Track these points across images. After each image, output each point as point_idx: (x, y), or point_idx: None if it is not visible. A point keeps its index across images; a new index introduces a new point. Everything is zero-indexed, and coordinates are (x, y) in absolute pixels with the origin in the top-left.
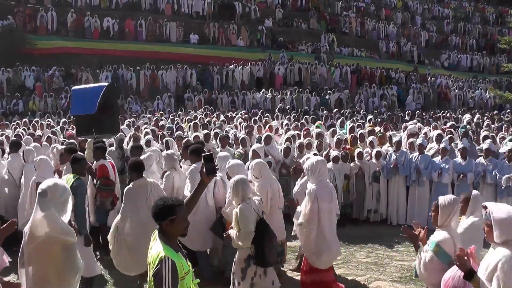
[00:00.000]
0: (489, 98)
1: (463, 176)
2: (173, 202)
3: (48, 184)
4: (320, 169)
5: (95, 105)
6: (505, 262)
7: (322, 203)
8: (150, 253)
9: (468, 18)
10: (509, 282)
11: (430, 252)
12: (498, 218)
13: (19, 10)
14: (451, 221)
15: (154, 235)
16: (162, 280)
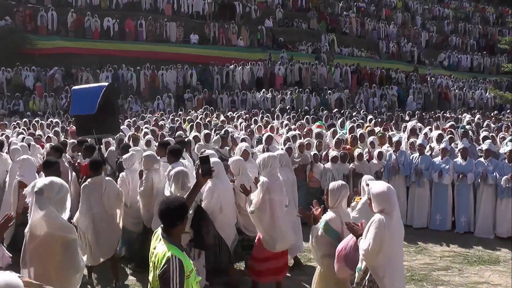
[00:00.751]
0: (489, 98)
1: (463, 176)
2: (178, 203)
3: (44, 182)
4: (271, 164)
5: (95, 106)
6: (374, 222)
7: (273, 195)
8: (155, 253)
9: (468, 18)
10: (371, 236)
11: (321, 229)
12: (374, 192)
13: (19, 10)
14: (340, 203)
15: (156, 234)
16: (169, 279)
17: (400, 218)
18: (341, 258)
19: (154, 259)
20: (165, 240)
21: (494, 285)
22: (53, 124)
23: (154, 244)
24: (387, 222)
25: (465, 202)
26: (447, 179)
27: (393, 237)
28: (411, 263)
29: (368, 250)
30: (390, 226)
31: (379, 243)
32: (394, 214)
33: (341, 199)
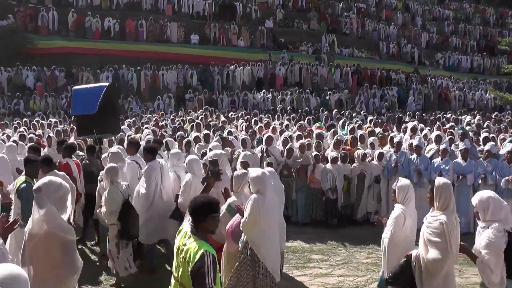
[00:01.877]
0: (490, 99)
1: (463, 177)
2: (209, 201)
3: (43, 181)
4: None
5: (96, 106)
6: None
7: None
8: (185, 249)
9: (469, 19)
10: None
11: (224, 209)
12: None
13: (19, 10)
14: (242, 188)
15: (183, 231)
16: (205, 274)
17: (273, 197)
18: (229, 235)
19: (184, 255)
20: (195, 236)
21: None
22: (53, 124)
23: (183, 241)
24: (261, 200)
25: (465, 203)
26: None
27: (267, 213)
28: None
29: (245, 222)
30: (264, 203)
31: (254, 217)
32: (267, 194)
33: (243, 184)
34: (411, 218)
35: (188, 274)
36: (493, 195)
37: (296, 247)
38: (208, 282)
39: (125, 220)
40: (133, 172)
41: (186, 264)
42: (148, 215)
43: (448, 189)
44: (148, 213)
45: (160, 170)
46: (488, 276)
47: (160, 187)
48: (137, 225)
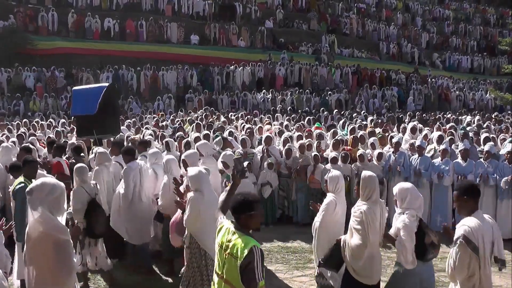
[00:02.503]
0: (490, 99)
1: (464, 177)
2: (252, 198)
3: (36, 183)
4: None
5: (96, 106)
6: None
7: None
8: (230, 245)
9: (469, 19)
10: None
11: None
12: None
13: (19, 11)
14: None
15: (224, 228)
16: (254, 269)
17: (212, 193)
18: (173, 229)
19: (231, 251)
20: (239, 232)
21: (495, 286)
22: (54, 124)
23: (227, 237)
24: (200, 197)
25: None
26: (447, 180)
27: (207, 209)
28: None
29: (187, 219)
30: (203, 200)
31: (195, 214)
32: (205, 191)
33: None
34: (341, 205)
35: (236, 270)
36: (411, 187)
37: (296, 247)
38: (258, 277)
39: (90, 218)
40: (116, 173)
41: (234, 260)
42: (129, 215)
43: (373, 182)
44: (128, 213)
45: (139, 171)
46: (405, 255)
47: (139, 187)
48: (103, 224)
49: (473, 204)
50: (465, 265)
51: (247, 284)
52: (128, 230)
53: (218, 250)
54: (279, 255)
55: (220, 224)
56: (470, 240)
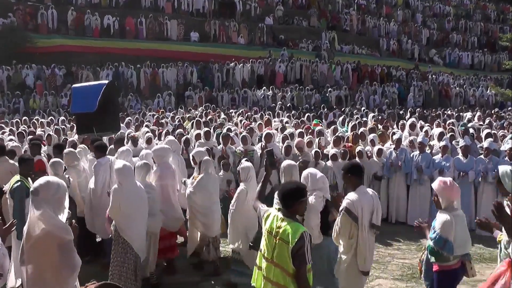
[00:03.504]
0: (490, 96)
1: (464, 173)
2: (303, 186)
3: (40, 183)
4: (163, 156)
5: (96, 104)
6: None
7: (165, 181)
8: (281, 231)
9: (469, 15)
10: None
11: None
12: (115, 168)
13: (19, 8)
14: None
15: (272, 215)
16: (305, 253)
17: (135, 186)
18: (107, 220)
19: (281, 236)
20: (288, 219)
21: None
22: (55, 122)
23: (277, 224)
24: (120, 189)
25: (466, 200)
26: (448, 177)
27: (127, 200)
28: (412, 260)
29: (110, 210)
30: (124, 192)
31: (116, 205)
32: (127, 184)
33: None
34: (252, 193)
35: (287, 254)
36: (312, 171)
37: None
38: (307, 260)
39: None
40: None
41: (285, 245)
42: (98, 210)
43: (293, 169)
44: (98, 208)
45: (110, 167)
46: (311, 231)
47: (109, 183)
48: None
49: (356, 180)
50: (347, 230)
51: (298, 267)
52: (96, 225)
53: (267, 236)
54: None
55: (267, 212)
56: (351, 211)
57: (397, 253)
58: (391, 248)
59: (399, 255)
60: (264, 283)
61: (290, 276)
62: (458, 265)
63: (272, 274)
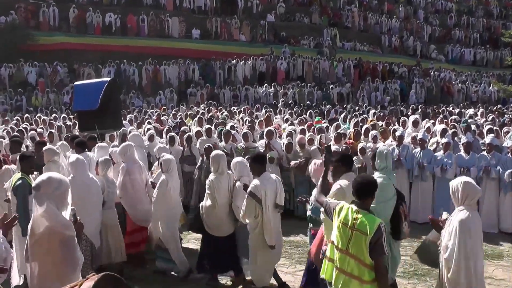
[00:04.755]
0: (493, 92)
1: (467, 170)
2: (375, 181)
3: (42, 178)
4: (126, 152)
5: (98, 101)
6: None
7: (133, 175)
8: (358, 223)
9: (472, 11)
10: None
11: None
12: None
13: (20, 6)
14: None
15: (346, 207)
16: (382, 243)
17: (88, 177)
18: None
19: (358, 227)
20: (364, 211)
21: (498, 279)
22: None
23: (353, 216)
24: (73, 181)
25: None
26: (450, 173)
27: (78, 190)
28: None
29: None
30: (75, 183)
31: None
32: (79, 175)
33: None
34: (173, 182)
35: (364, 245)
36: (239, 159)
37: (299, 241)
38: (384, 250)
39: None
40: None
41: (362, 236)
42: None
43: (220, 158)
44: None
45: (89, 163)
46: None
47: None
48: None
49: (260, 168)
50: (252, 211)
51: (376, 257)
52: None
53: (342, 228)
54: (282, 249)
55: (339, 205)
56: (255, 194)
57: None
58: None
59: (401, 252)
60: (337, 274)
61: (366, 267)
62: None
63: (347, 265)
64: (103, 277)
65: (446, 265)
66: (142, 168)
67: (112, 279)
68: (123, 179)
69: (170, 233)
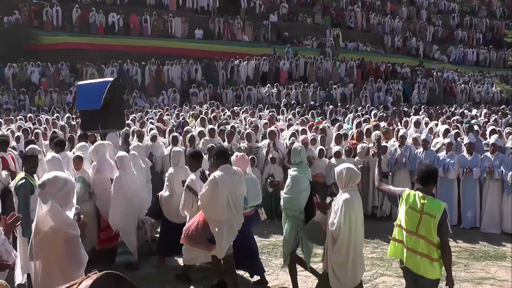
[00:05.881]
0: (496, 92)
1: (469, 170)
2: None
3: (48, 177)
4: (97, 151)
5: (101, 101)
6: None
7: (103, 174)
8: (425, 208)
9: (475, 12)
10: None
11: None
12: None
13: (24, 6)
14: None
15: (412, 194)
16: (448, 224)
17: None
18: None
19: (427, 211)
20: (429, 196)
21: (500, 280)
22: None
23: (421, 201)
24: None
25: (471, 197)
26: (452, 174)
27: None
28: None
29: None
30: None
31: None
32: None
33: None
34: (129, 177)
35: (433, 226)
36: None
37: None
38: (449, 229)
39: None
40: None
41: (431, 219)
42: None
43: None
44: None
45: (68, 162)
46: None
47: None
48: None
49: (196, 164)
50: (190, 202)
51: (443, 237)
52: None
53: (410, 212)
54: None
55: (405, 192)
56: (191, 187)
57: None
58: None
59: None
60: (408, 254)
61: (434, 246)
62: (252, 212)
63: (417, 245)
64: (103, 275)
65: (332, 238)
66: (113, 167)
67: (114, 277)
68: (94, 177)
69: (125, 225)
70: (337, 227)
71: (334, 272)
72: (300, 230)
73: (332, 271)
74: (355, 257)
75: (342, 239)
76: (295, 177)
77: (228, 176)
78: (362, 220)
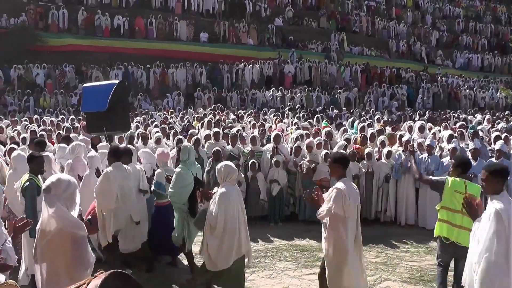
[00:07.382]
0: (501, 98)
1: (474, 176)
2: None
3: (51, 180)
4: (76, 149)
5: (106, 103)
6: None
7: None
8: (468, 189)
9: (480, 17)
10: None
11: None
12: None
13: (30, 8)
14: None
15: (458, 182)
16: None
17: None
18: None
19: (469, 191)
20: (468, 181)
21: None
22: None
23: (464, 186)
24: (15, 173)
25: None
26: None
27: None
28: (420, 263)
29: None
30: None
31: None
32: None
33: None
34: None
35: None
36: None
37: (305, 245)
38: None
39: None
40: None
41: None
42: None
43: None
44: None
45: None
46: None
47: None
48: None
49: (113, 160)
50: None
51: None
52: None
53: (455, 195)
54: (288, 253)
55: (449, 179)
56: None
57: (406, 256)
58: (399, 250)
59: (407, 258)
60: (458, 230)
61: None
62: (168, 202)
63: (463, 221)
64: (111, 274)
65: (210, 226)
66: (86, 167)
67: (121, 276)
68: (68, 174)
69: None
70: (214, 216)
71: (209, 255)
72: (188, 219)
73: (207, 255)
74: (229, 242)
75: (219, 227)
76: (179, 173)
77: (119, 172)
78: (242, 209)
